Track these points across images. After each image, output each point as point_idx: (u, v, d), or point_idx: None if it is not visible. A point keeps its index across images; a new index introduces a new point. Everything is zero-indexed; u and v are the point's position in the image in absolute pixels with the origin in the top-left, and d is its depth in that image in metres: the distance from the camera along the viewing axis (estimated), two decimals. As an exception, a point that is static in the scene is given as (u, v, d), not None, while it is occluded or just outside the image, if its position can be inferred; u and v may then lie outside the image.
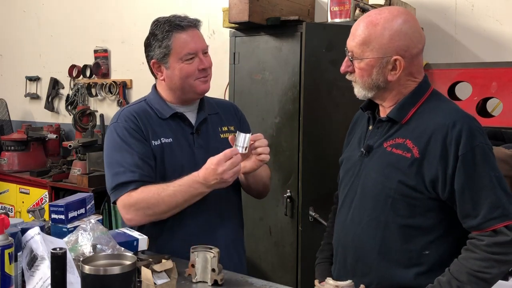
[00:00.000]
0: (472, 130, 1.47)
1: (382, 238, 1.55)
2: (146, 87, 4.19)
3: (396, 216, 1.52)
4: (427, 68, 2.73)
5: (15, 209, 4.28)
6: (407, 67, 1.54)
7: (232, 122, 2.00)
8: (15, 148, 4.39)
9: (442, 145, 1.46)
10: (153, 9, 4.19)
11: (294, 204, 2.73)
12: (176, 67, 1.82)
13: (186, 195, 1.71)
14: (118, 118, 1.88)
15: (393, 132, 1.57)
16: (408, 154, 1.50)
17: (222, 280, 1.54)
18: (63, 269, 1.19)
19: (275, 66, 2.80)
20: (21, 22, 5.24)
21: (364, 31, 1.54)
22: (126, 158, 1.78)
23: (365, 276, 1.54)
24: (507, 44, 2.80)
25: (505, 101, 2.52)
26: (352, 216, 1.62)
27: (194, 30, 1.85)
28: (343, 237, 1.65)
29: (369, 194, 1.58)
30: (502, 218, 1.43)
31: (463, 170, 1.44)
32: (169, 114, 1.87)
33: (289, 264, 2.71)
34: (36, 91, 5.13)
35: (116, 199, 1.78)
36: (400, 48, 1.52)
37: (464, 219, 1.47)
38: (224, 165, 1.64)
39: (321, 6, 3.18)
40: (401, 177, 1.50)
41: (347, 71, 1.60)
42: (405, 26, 1.52)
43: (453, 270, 1.45)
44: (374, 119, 1.66)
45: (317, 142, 2.59)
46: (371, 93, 1.59)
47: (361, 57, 1.54)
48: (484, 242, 1.43)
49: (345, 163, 1.72)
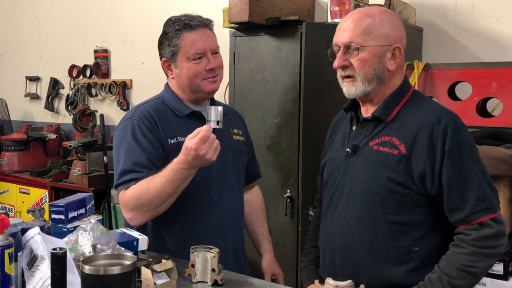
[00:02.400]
0: (457, 125, 1.50)
1: (371, 236, 1.55)
2: (146, 87, 4.22)
3: (384, 213, 1.54)
4: (427, 68, 2.73)
5: (15, 209, 4.28)
6: (401, 59, 1.59)
7: (239, 127, 2.03)
8: (15, 148, 4.39)
9: (429, 140, 1.49)
10: (153, 9, 4.19)
11: (294, 204, 2.73)
12: (184, 66, 1.82)
13: (174, 183, 1.67)
14: (133, 114, 1.85)
15: (378, 131, 1.59)
16: (396, 151, 1.52)
17: (222, 280, 1.54)
18: (63, 269, 1.19)
19: (275, 66, 2.80)
20: (21, 22, 5.25)
21: (363, 22, 1.55)
22: (134, 157, 1.76)
23: (355, 275, 1.53)
24: (507, 44, 2.80)
25: (505, 101, 2.52)
26: (339, 216, 1.63)
27: (204, 30, 1.84)
28: (330, 238, 1.66)
29: (357, 193, 1.58)
30: (487, 210, 1.46)
31: (450, 164, 1.47)
32: (187, 112, 1.86)
33: (289, 264, 2.71)
34: (36, 91, 5.14)
35: (118, 196, 1.80)
36: (398, 38, 1.58)
37: (451, 213, 1.49)
38: (203, 148, 1.60)
39: (321, 6, 3.18)
40: (390, 174, 1.52)
41: (344, 65, 1.58)
42: (396, 18, 1.62)
43: (443, 266, 1.47)
44: (358, 119, 1.66)
45: (317, 142, 2.59)
46: (371, 86, 1.57)
47: (363, 45, 1.54)
48: (471, 237, 1.45)
49: (329, 165, 1.73)
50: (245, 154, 1.99)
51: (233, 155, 1.90)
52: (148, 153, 1.76)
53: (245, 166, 2.01)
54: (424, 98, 1.66)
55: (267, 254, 2.09)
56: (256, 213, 2.12)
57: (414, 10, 2.92)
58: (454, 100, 2.65)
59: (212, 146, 1.62)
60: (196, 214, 1.81)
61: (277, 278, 2.04)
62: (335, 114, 1.88)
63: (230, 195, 1.84)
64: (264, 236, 2.10)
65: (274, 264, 2.08)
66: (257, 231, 2.11)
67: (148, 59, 4.18)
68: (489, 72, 2.59)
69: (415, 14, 2.94)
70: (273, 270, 2.05)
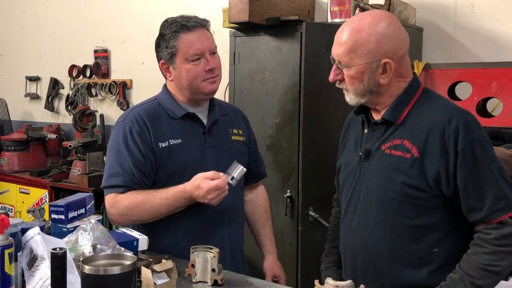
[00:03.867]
0: (469, 124, 1.48)
1: (390, 241, 1.54)
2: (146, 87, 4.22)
3: (402, 217, 1.52)
4: (427, 68, 2.73)
5: (15, 209, 4.28)
6: (396, 68, 1.54)
7: (240, 126, 2.02)
8: (15, 148, 4.39)
9: (441, 142, 1.47)
10: (153, 9, 4.19)
11: (294, 204, 2.73)
12: (183, 67, 1.81)
13: (171, 208, 1.76)
14: (125, 117, 1.87)
15: (389, 134, 1.57)
16: (408, 155, 1.50)
17: (222, 280, 1.54)
18: (63, 269, 1.19)
19: (275, 66, 2.80)
20: (21, 22, 5.24)
21: (350, 39, 1.53)
22: (122, 161, 1.80)
23: (377, 281, 1.54)
24: (507, 44, 2.80)
25: (505, 101, 2.52)
26: (357, 222, 1.61)
27: (202, 30, 1.83)
28: (350, 244, 1.65)
29: (373, 199, 1.57)
30: (507, 208, 1.44)
31: (464, 165, 1.45)
32: (181, 114, 1.87)
33: (289, 264, 2.71)
34: (36, 91, 5.13)
35: (105, 197, 1.84)
36: (388, 51, 1.52)
37: (470, 213, 1.47)
38: (213, 193, 1.67)
39: (321, 6, 3.18)
40: (404, 179, 1.50)
41: (337, 80, 1.59)
42: (390, 28, 1.53)
43: (464, 266, 1.46)
44: (369, 122, 1.65)
45: (317, 142, 2.59)
46: (364, 99, 1.58)
47: (350, 64, 1.53)
48: (491, 236, 1.44)
49: (344, 169, 1.71)
50: (244, 154, 1.98)
51: (230, 155, 1.89)
52: (135, 158, 1.79)
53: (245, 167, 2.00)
54: (434, 96, 1.62)
55: (269, 255, 2.08)
56: (259, 213, 2.11)
57: (414, 10, 2.92)
58: (454, 100, 2.65)
59: (220, 195, 1.68)
60: (189, 216, 1.82)
61: (279, 280, 2.03)
62: (335, 114, 1.88)
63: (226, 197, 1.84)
64: (267, 237, 2.10)
65: (276, 266, 2.07)
66: (260, 231, 2.10)
67: (148, 59, 4.17)
68: (489, 72, 2.59)
69: (415, 14, 2.94)
70: (274, 272, 2.04)
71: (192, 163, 1.81)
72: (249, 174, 2.04)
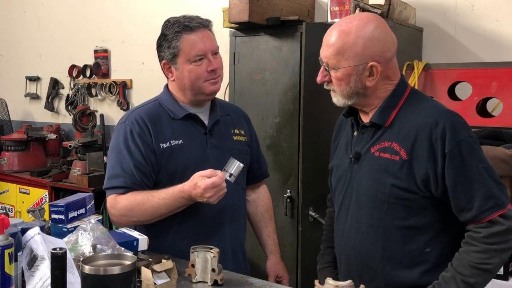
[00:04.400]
0: (455, 126, 1.49)
1: (382, 242, 1.56)
2: (146, 87, 4.22)
3: (393, 219, 1.54)
4: (427, 68, 2.73)
5: (15, 209, 4.28)
6: (383, 71, 1.55)
7: (242, 126, 2.02)
8: (15, 148, 4.39)
9: (428, 144, 1.48)
10: (153, 9, 4.19)
11: (294, 204, 2.73)
12: (185, 68, 1.81)
13: (170, 207, 1.75)
14: (126, 119, 1.87)
15: (378, 137, 1.58)
16: (397, 157, 1.52)
17: (222, 280, 1.54)
18: (63, 269, 1.19)
19: (275, 66, 2.81)
20: (21, 22, 5.24)
21: (338, 41, 1.54)
22: (123, 163, 1.80)
23: (371, 282, 1.55)
24: (507, 44, 2.80)
25: (505, 101, 2.52)
26: (350, 224, 1.63)
27: (204, 31, 1.83)
28: (344, 246, 1.67)
29: (364, 201, 1.59)
30: (495, 208, 1.45)
31: (452, 167, 1.46)
32: (182, 115, 1.87)
33: (289, 264, 2.70)
34: (36, 91, 5.13)
35: (106, 199, 1.85)
36: (375, 54, 1.53)
37: (460, 213, 1.49)
38: (211, 191, 1.65)
39: (321, 6, 3.18)
40: (393, 181, 1.52)
41: (324, 81, 1.61)
42: (377, 31, 1.54)
43: (456, 265, 1.47)
44: (358, 124, 1.66)
45: (317, 142, 2.59)
46: (351, 100, 1.60)
47: (337, 66, 1.55)
48: (481, 234, 1.45)
49: (336, 171, 1.73)
50: (246, 154, 1.98)
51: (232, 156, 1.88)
52: (136, 159, 1.79)
53: (247, 167, 2.00)
54: (422, 98, 1.64)
55: (272, 255, 2.08)
56: (261, 213, 2.11)
57: (414, 10, 2.92)
58: (454, 100, 2.65)
59: (218, 193, 1.67)
60: (191, 216, 1.82)
61: (281, 280, 2.02)
62: (335, 114, 1.88)
63: (227, 196, 1.84)
64: (269, 237, 2.10)
65: (279, 266, 2.06)
66: (263, 231, 2.10)
67: (148, 59, 4.18)
68: (489, 72, 2.59)
69: (415, 14, 2.94)
70: (277, 272, 2.04)
71: (194, 164, 1.81)
72: (251, 174, 2.04)
